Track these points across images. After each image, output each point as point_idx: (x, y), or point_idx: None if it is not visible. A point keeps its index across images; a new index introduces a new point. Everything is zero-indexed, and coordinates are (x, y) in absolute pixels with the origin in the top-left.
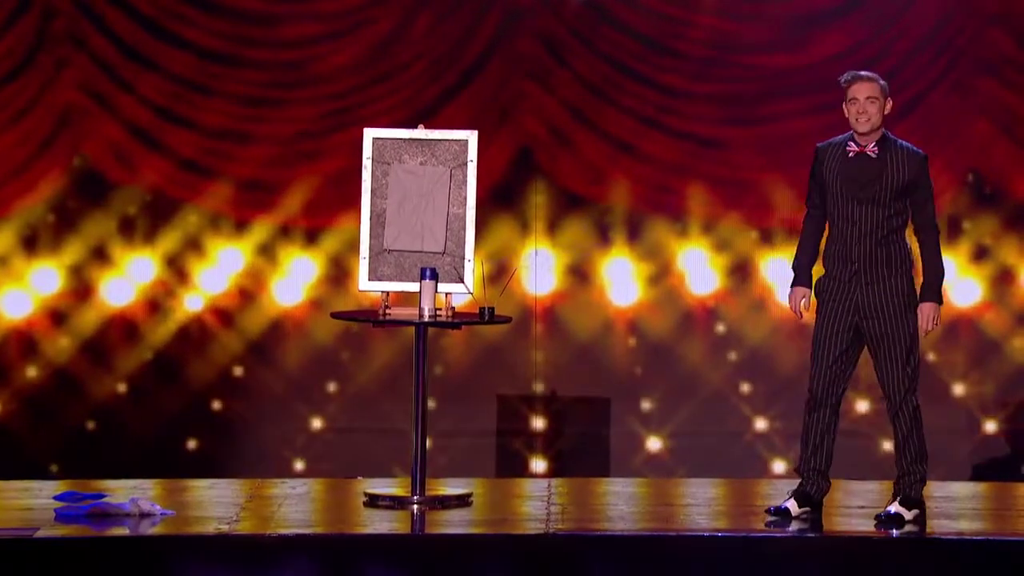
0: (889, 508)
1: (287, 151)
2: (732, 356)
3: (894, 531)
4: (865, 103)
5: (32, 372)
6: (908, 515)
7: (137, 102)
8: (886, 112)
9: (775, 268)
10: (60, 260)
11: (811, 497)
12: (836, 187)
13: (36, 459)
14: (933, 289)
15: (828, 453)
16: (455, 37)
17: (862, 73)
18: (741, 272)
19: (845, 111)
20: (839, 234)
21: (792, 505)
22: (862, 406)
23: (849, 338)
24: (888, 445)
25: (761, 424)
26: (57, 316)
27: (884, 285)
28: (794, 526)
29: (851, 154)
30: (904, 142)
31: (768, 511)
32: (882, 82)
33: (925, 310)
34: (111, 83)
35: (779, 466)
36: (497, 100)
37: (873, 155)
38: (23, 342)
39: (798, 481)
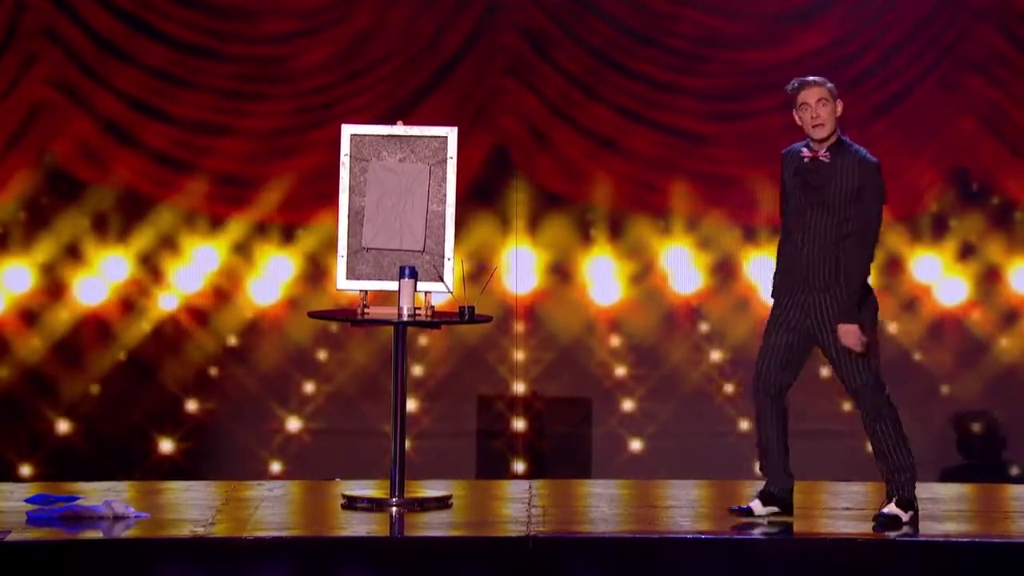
0: (884, 509)
1: (264, 147)
2: (715, 356)
3: (891, 534)
4: (817, 107)
5: (3, 372)
6: (905, 516)
7: (111, 97)
8: (838, 115)
9: (759, 266)
10: (32, 258)
11: (774, 496)
12: (794, 191)
13: (7, 461)
14: (846, 304)
15: (785, 448)
16: (432, 31)
17: (809, 78)
18: (725, 270)
19: (797, 119)
20: (792, 237)
21: (756, 505)
22: (847, 406)
23: (799, 338)
24: None
25: (744, 425)
26: (29, 316)
27: (831, 292)
28: (777, 528)
29: (806, 159)
30: (859, 148)
31: (731, 510)
32: (830, 84)
33: (839, 331)
34: (84, 77)
35: None
36: (475, 96)
37: (826, 160)
38: None
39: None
